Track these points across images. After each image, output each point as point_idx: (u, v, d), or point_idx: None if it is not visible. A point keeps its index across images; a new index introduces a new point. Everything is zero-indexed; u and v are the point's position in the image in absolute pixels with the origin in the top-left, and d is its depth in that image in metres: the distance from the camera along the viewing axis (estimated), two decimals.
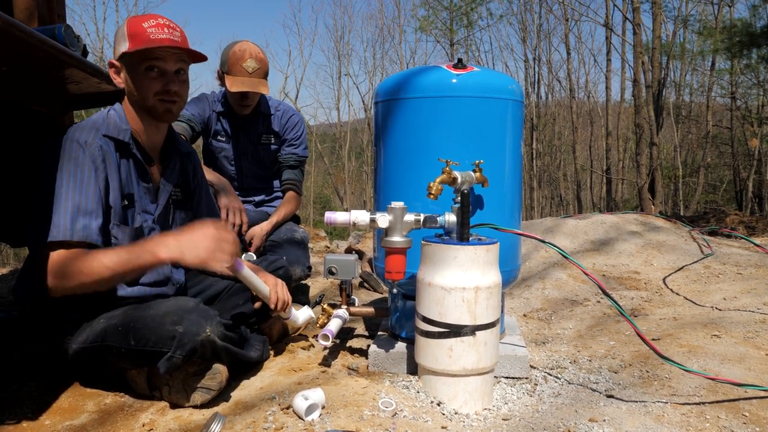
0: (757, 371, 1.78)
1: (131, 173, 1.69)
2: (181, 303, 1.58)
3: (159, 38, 1.62)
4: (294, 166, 2.80)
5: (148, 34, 1.62)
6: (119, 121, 1.68)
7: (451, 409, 1.58)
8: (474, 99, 1.80)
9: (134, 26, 1.63)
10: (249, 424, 1.43)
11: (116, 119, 1.68)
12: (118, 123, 1.68)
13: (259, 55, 2.52)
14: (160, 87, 1.65)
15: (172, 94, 1.67)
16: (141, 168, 1.71)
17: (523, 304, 2.83)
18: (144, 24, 1.63)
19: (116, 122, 1.68)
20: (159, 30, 1.63)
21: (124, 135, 1.67)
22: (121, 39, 1.65)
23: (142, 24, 1.63)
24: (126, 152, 1.68)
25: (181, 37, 1.68)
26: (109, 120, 1.67)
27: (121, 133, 1.66)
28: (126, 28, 1.64)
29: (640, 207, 11.17)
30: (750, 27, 7.31)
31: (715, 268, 3.27)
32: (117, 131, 1.66)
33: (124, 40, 1.63)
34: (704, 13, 15.27)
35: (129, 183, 1.69)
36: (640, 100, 11.71)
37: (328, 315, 1.96)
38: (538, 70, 20.62)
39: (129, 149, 1.68)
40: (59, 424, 1.53)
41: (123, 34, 1.64)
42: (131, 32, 1.63)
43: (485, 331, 1.58)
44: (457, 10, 19.90)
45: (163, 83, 1.66)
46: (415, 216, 1.70)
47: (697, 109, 18.51)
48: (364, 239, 4.48)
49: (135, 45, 1.61)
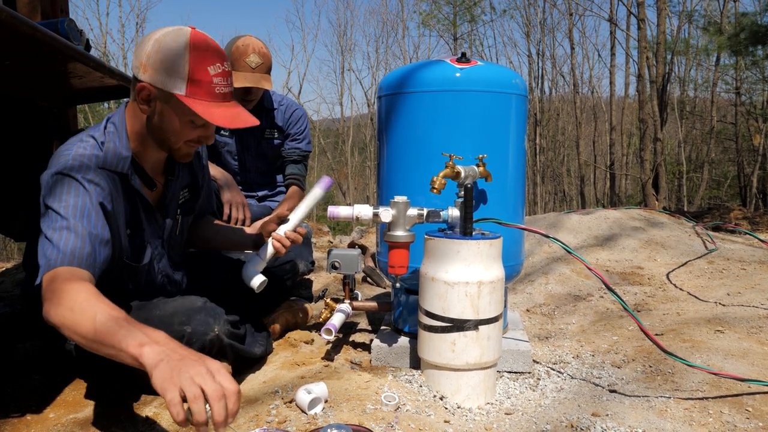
0: (760, 366, 1.78)
1: (134, 201, 1.54)
2: (189, 302, 1.57)
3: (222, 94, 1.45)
4: (297, 161, 2.80)
5: (213, 89, 1.43)
6: (119, 146, 1.48)
7: (454, 404, 1.59)
8: (478, 93, 1.79)
9: (199, 68, 1.41)
10: (252, 417, 1.43)
11: (115, 143, 1.48)
12: (118, 149, 1.47)
13: (262, 50, 2.51)
14: (196, 138, 1.51)
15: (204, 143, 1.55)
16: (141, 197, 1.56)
17: (526, 299, 2.83)
18: (210, 69, 1.42)
19: (115, 148, 1.47)
20: (224, 82, 1.45)
21: (124, 165, 1.48)
22: (174, 72, 1.40)
23: (208, 68, 1.42)
24: (126, 182, 1.50)
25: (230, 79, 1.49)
26: (106, 147, 1.46)
27: (120, 162, 1.47)
28: (188, 65, 1.40)
29: (643, 202, 11.14)
30: (755, 24, 7.26)
31: (718, 263, 3.26)
32: (116, 161, 1.46)
33: (180, 77, 1.40)
34: (709, 8, 15.20)
35: (133, 213, 1.54)
36: (644, 95, 11.66)
37: (331, 309, 1.97)
38: (541, 64, 20.55)
39: (128, 180, 1.50)
40: (63, 417, 1.53)
41: (180, 69, 1.40)
42: (194, 75, 1.40)
43: (488, 326, 1.58)
44: (461, 5, 19.84)
45: (201, 135, 1.51)
46: (418, 210, 1.70)
47: (702, 104, 18.43)
48: (368, 234, 4.48)
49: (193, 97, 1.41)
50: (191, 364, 1.03)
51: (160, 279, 1.70)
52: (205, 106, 1.42)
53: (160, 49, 1.40)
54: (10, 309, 2.43)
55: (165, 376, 1.01)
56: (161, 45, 1.41)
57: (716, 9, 14.52)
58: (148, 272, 1.65)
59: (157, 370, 1.02)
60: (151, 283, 1.67)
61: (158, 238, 1.66)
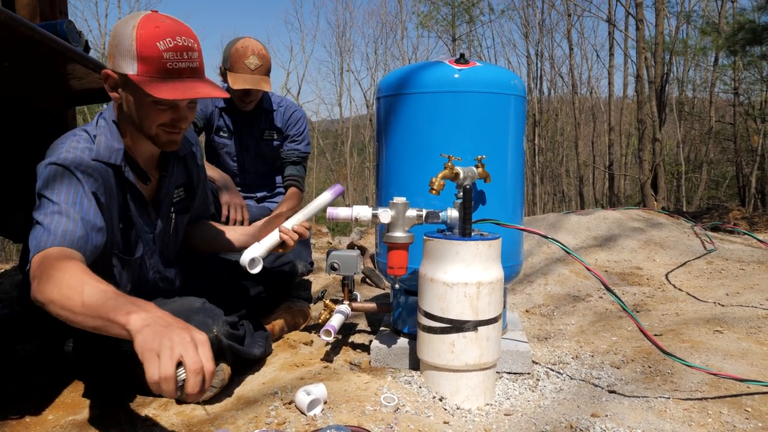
0: (759, 367, 1.78)
1: (127, 194, 1.53)
2: (187, 303, 1.57)
3: (177, 69, 1.38)
4: (296, 162, 2.80)
5: (164, 63, 1.36)
6: (110, 139, 1.47)
7: (453, 405, 1.59)
8: (476, 94, 1.79)
9: (146, 44, 1.36)
10: (251, 419, 1.43)
11: (107, 136, 1.47)
12: (109, 141, 1.47)
13: (261, 52, 2.52)
14: (168, 120, 1.46)
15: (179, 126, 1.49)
16: (134, 190, 1.55)
17: (526, 299, 2.83)
18: (159, 44, 1.36)
19: (107, 141, 1.46)
20: (177, 57, 1.38)
21: (116, 157, 1.47)
22: (125, 52, 1.37)
23: (156, 43, 1.36)
24: (119, 174, 1.50)
25: (198, 58, 1.43)
26: (98, 140, 1.45)
27: (113, 155, 1.46)
28: (135, 42, 1.36)
29: (642, 203, 11.16)
30: (752, 23, 7.26)
31: (717, 264, 3.26)
32: (108, 153, 1.45)
33: (130, 57, 1.37)
34: (707, 9, 15.22)
35: (125, 205, 1.52)
36: (642, 95, 11.68)
37: (330, 311, 1.97)
38: (540, 65, 20.55)
39: (122, 172, 1.49)
40: (62, 418, 1.53)
41: (129, 49, 1.36)
42: (142, 53, 1.36)
43: (487, 327, 1.59)
44: (459, 6, 19.86)
45: (173, 117, 1.47)
46: (417, 211, 1.70)
47: (700, 104, 18.44)
48: (367, 235, 4.48)
49: (145, 75, 1.37)
50: (176, 331, 1.02)
51: (152, 275, 1.70)
52: (155, 83, 1.37)
53: (115, 34, 1.41)
54: (9, 310, 2.42)
55: (147, 340, 1.00)
56: (116, 30, 1.41)
57: (714, 9, 14.55)
58: (140, 267, 1.65)
59: (140, 334, 1.02)
60: (143, 278, 1.67)
61: (149, 233, 1.66)
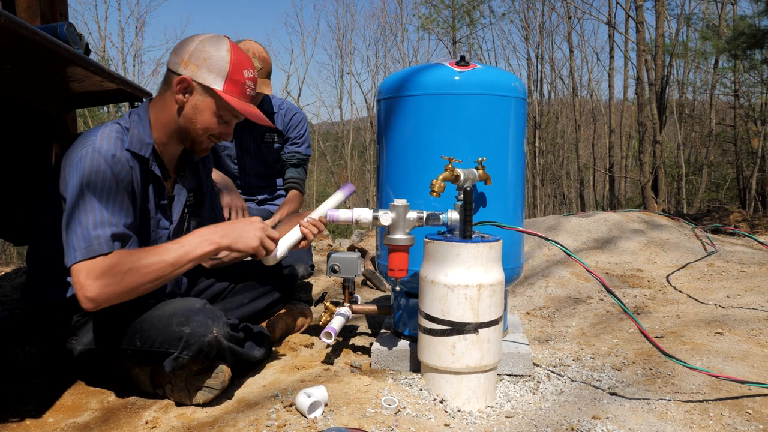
0: (760, 369, 1.78)
1: (148, 188, 1.61)
2: (188, 304, 1.57)
3: (251, 96, 1.64)
4: (297, 165, 2.80)
5: (245, 89, 1.61)
6: (142, 133, 1.58)
7: (454, 407, 1.58)
8: (477, 96, 1.79)
9: (236, 70, 1.59)
10: (252, 421, 1.43)
11: (139, 130, 1.58)
12: (141, 135, 1.57)
13: (262, 55, 2.52)
14: (218, 133, 1.64)
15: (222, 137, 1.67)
16: (158, 183, 1.64)
17: (526, 302, 2.83)
18: (245, 73, 1.60)
19: (139, 134, 1.57)
20: (252, 86, 1.64)
21: (146, 150, 1.57)
22: (215, 70, 1.57)
23: (243, 71, 1.60)
24: (145, 167, 1.59)
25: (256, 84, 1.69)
26: (132, 133, 1.56)
27: (143, 148, 1.56)
28: (229, 66, 1.57)
29: (643, 205, 11.16)
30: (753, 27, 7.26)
31: (718, 265, 3.26)
32: (139, 146, 1.55)
33: (220, 75, 1.57)
34: (707, 11, 15.23)
35: (145, 198, 1.61)
36: (643, 98, 11.69)
37: (330, 313, 1.96)
38: (540, 68, 20.55)
39: (148, 165, 1.59)
40: (63, 421, 1.53)
41: (221, 69, 1.57)
42: (233, 75, 1.58)
43: (488, 329, 1.58)
44: (459, 8, 19.88)
45: (221, 131, 1.65)
46: (418, 213, 1.70)
47: (701, 107, 18.44)
48: (367, 237, 4.48)
49: (229, 93, 1.58)
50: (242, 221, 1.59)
51: None
52: (238, 103, 1.60)
53: (204, 50, 1.58)
54: (9, 313, 2.42)
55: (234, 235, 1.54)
56: (205, 46, 1.58)
57: (714, 12, 14.56)
58: None
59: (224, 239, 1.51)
60: None
61: (165, 228, 1.69)
